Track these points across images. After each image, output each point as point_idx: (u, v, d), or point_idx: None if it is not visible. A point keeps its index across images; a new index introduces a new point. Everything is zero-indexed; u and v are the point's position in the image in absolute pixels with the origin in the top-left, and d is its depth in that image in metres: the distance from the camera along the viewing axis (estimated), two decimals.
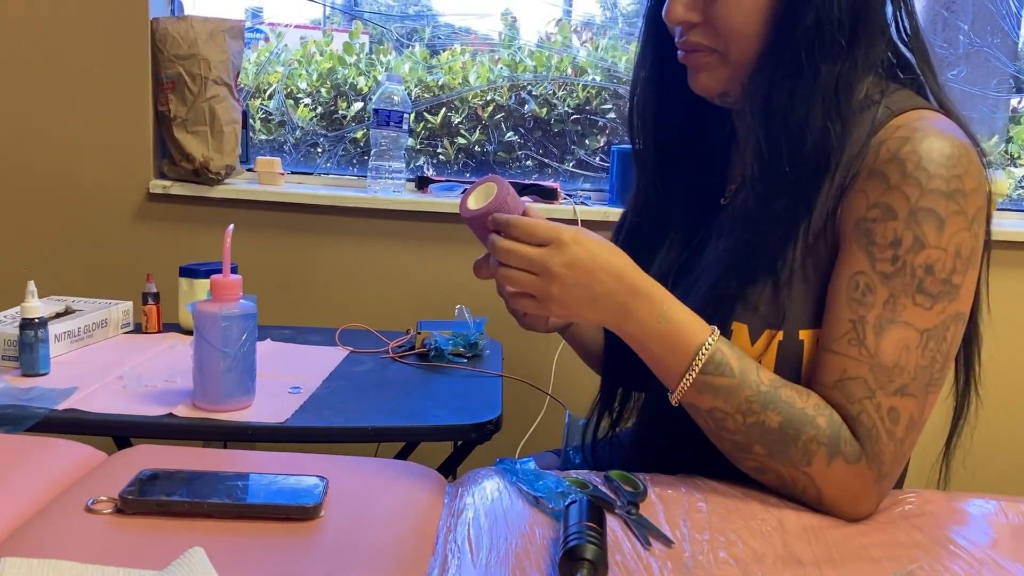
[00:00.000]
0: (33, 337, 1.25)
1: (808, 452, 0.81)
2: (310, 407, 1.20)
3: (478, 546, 0.71)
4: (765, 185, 0.88)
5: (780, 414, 0.81)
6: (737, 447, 0.84)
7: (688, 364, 0.83)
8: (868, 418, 0.81)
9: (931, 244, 0.80)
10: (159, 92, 2.09)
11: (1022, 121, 2.37)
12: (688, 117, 1.01)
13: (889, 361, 0.80)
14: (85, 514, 0.72)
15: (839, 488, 0.81)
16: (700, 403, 0.84)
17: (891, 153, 0.82)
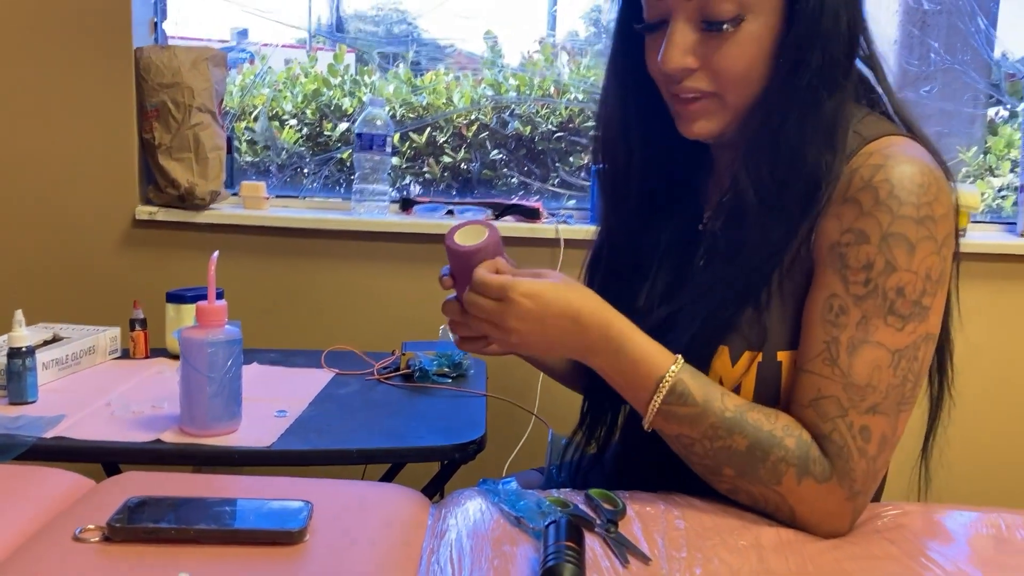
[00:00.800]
0: (21, 366, 1.26)
1: (777, 472, 0.83)
2: (296, 430, 1.21)
3: (460, 567, 0.73)
4: (765, 215, 0.89)
5: (747, 437, 0.84)
6: (708, 470, 0.87)
7: (651, 395, 0.87)
8: (840, 436, 0.83)
9: (902, 267, 0.82)
10: (144, 120, 2.11)
11: (999, 132, 2.41)
12: (663, 149, 1.01)
13: (861, 380, 0.83)
14: (73, 543, 0.73)
15: (811, 507, 0.83)
16: (667, 430, 0.88)
17: (864, 181, 0.84)
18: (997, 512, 0.88)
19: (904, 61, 2.36)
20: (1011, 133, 2.38)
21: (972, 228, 2.27)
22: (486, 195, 2.38)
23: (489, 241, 0.91)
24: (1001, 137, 2.39)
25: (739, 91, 0.90)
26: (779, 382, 0.89)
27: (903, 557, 0.77)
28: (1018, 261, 2.16)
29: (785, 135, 0.88)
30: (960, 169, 2.36)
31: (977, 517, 0.86)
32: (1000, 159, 2.39)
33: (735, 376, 0.90)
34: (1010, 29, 2.31)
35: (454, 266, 0.94)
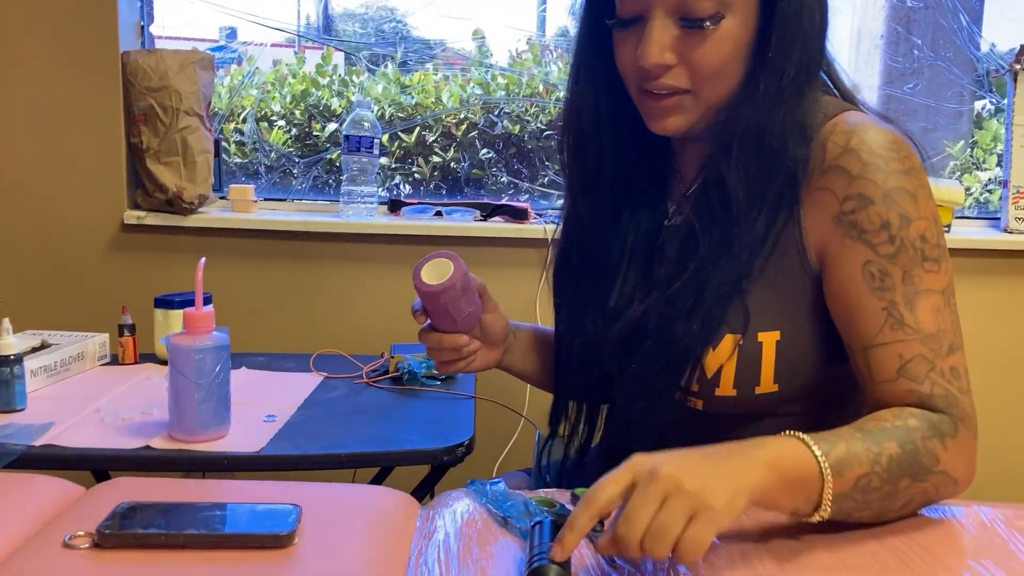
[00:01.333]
0: (9, 374, 1.26)
1: (931, 452, 0.81)
2: (285, 435, 1.22)
3: (448, 568, 0.73)
4: (750, 210, 0.91)
5: (890, 439, 0.80)
6: (888, 497, 0.80)
7: (821, 488, 0.76)
8: (940, 388, 0.84)
9: (915, 216, 0.86)
10: (131, 124, 2.11)
11: (985, 126, 2.42)
12: (631, 144, 1.02)
13: (932, 329, 0.85)
14: (63, 550, 0.73)
15: (961, 464, 0.83)
16: (846, 485, 0.77)
17: (840, 148, 0.88)
18: (977, 505, 0.89)
19: (889, 58, 2.37)
20: (997, 127, 2.40)
21: (957, 224, 2.28)
22: (475, 195, 2.38)
23: (454, 278, 0.95)
24: (987, 131, 2.41)
25: (714, 88, 0.92)
26: (759, 362, 0.91)
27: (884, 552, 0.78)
28: (1003, 256, 2.18)
29: (771, 131, 0.90)
30: (947, 164, 2.38)
31: (960, 511, 0.87)
32: (987, 153, 2.41)
33: (717, 359, 0.92)
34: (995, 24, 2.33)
35: (424, 302, 1.00)
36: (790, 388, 0.94)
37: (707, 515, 0.67)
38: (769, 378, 0.93)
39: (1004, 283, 2.19)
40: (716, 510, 0.68)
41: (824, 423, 0.97)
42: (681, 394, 0.97)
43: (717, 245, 0.93)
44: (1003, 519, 0.86)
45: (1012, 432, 2.22)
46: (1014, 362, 2.22)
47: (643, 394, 0.97)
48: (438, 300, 0.97)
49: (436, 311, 1.00)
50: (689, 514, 0.67)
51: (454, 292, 0.96)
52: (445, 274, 0.96)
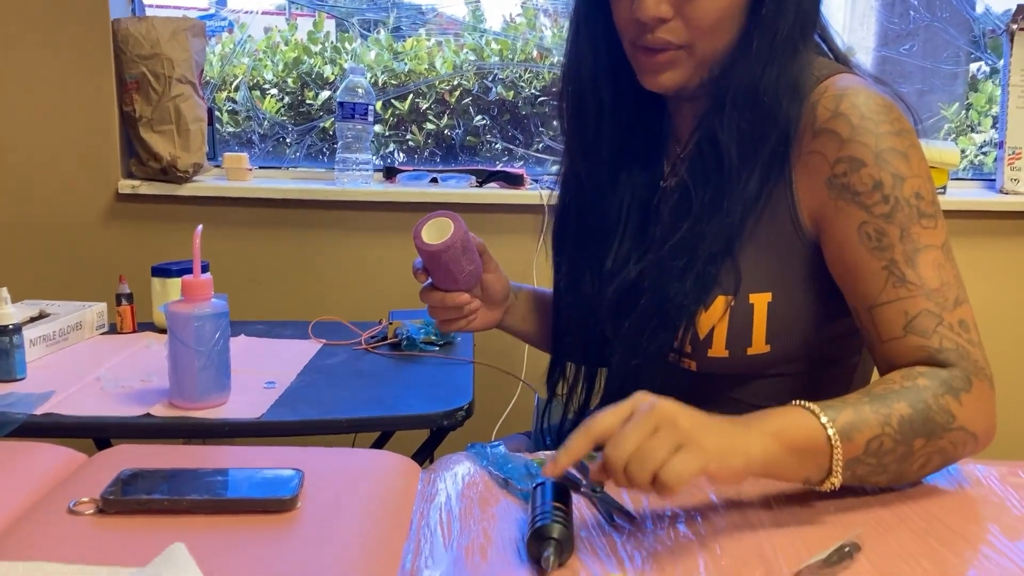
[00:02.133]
0: (8, 343, 1.26)
1: (944, 409, 0.80)
2: (285, 401, 1.23)
3: (450, 530, 0.74)
4: (743, 169, 0.91)
5: (900, 400, 0.79)
6: (903, 458, 0.79)
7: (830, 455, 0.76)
8: (950, 341, 0.84)
9: (908, 175, 0.86)
10: (123, 93, 2.09)
11: (980, 88, 2.41)
12: (624, 104, 1.02)
13: (935, 284, 0.85)
14: (67, 516, 0.74)
15: (979, 418, 0.82)
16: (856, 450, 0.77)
17: (830, 111, 0.88)
18: (973, 463, 0.90)
19: (885, 19, 2.36)
20: (992, 89, 2.39)
21: (952, 185, 2.28)
22: (470, 162, 2.37)
23: (455, 237, 0.96)
24: (982, 93, 2.40)
25: (710, 43, 0.92)
26: (751, 324, 0.92)
27: (879, 507, 0.79)
28: (998, 217, 2.18)
29: (765, 88, 0.91)
30: (942, 126, 2.37)
31: (955, 469, 0.88)
32: (982, 115, 2.40)
33: (709, 320, 0.93)
34: None
35: (425, 261, 1.00)
36: (782, 349, 0.95)
37: (693, 449, 0.68)
38: (761, 339, 0.93)
39: (1000, 244, 2.19)
40: (704, 449, 0.68)
41: (818, 383, 0.98)
42: (675, 356, 0.98)
43: (710, 204, 0.93)
44: (998, 476, 0.87)
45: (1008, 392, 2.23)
46: (1009, 323, 2.23)
47: (637, 355, 0.98)
48: (439, 259, 0.97)
49: (437, 270, 1.00)
50: (676, 446, 0.67)
51: (455, 251, 0.97)
52: (446, 233, 0.97)
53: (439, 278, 1.02)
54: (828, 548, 0.68)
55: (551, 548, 0.66)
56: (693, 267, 0.93)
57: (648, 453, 0.67)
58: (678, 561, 0.69)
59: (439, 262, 0.98)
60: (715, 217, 0.92)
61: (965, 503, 0.81)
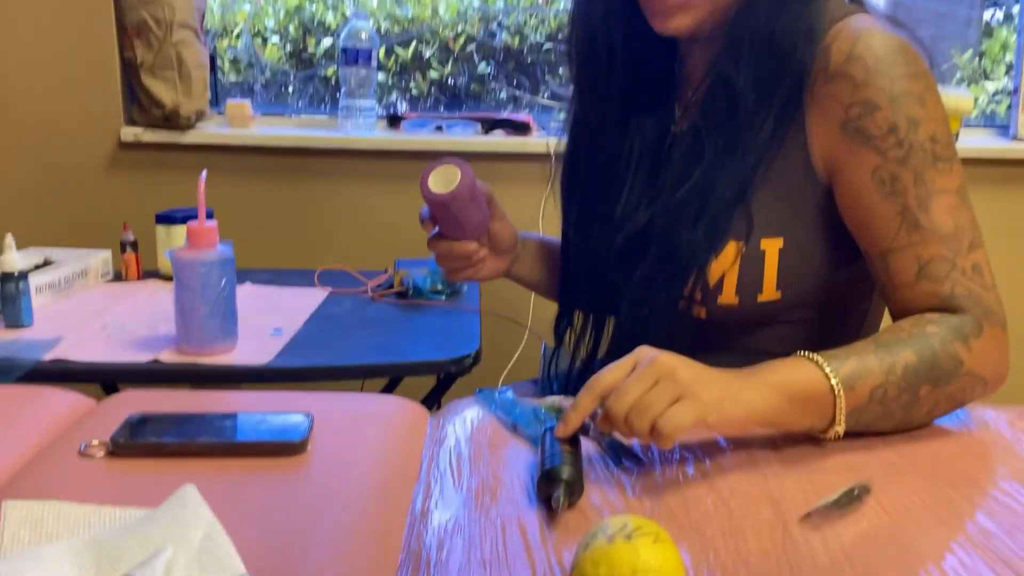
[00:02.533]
0: (14, 290, 1.26)
1: (952, 355, 0.80)
2: (293, 348, 1.23)
3: (460, 472, 0.74)
4: (757, 114, 0.90)
5: (906, 348, 0.79)
6: (909, 406, 0.80)
7: (834, 406, 0.77)
8: (962, 287, 0.84)
9: (923, 119, 0.85)
10: (124, 38, 2.06)
11: (994, 35, 2.37)
12: (635, 47, 1.00)
13: (949, 229, 0.84)
14: (79, 458, 0.74)
15: (989, 363, 0.83)
16: (860, 399, 0.78)
17: (845, 54, 0.86)
18: (981, 408, 0.90)
19: None
20: (1007, 35, 2.34)
21: (965, 132, 2.25)
22: (475, 109, 2.35)
23: (463, 186, 0.94)
24: (996, 40, 2.36)
25: None
26: (762, 270, 0.91)
27: (888, 450, 0.79)
28: (1012, 165, 2.16)
29: (781, 32, 0.89)
30: (955, 73, 2.33)
31: (964, 414, 0.88)
32: (995, 63, 2.36)
33: (720, 267, 0.92)
34: None
35: (432, 210, 0.98)
36: (793, 295, 0.94)
37: (691, 401, 0.69)
38: (772, 285, 0.93)
39: (1013, 192, 2.17)
40: (702, 401, 0.70)
41: (828, 330, 0.98)
42: (684, 303, 0.98)
43: (723, 150, 0.92)
44: (1007, 420, 0.87)
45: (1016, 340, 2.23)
46: (1021, 270, 2.22)
47: (646, 303, 0.97)
48: (447, 208, 0.96)
49: (445, 219, 0.99)
50: (675, 397, 0.69)
51: (462, 200, 0.95)
52: (452, 181, 0.95)
53: (446, 227, 1.00)
54: (837, 491, 0.68)
55: (561, 489, 0.67)
56: (705, 215, 0.91)
57: (647, 404, 0.69)
58: (687, 502, 0.69)
59: (446, 211, 0.97)
60: (728, 163, 0.91)
61: (974, 447, 0.81)
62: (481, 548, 0.62)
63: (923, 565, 0.61)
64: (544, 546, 0.62)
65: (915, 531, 0.65)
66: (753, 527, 0.65)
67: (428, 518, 0.67)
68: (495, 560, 0.61)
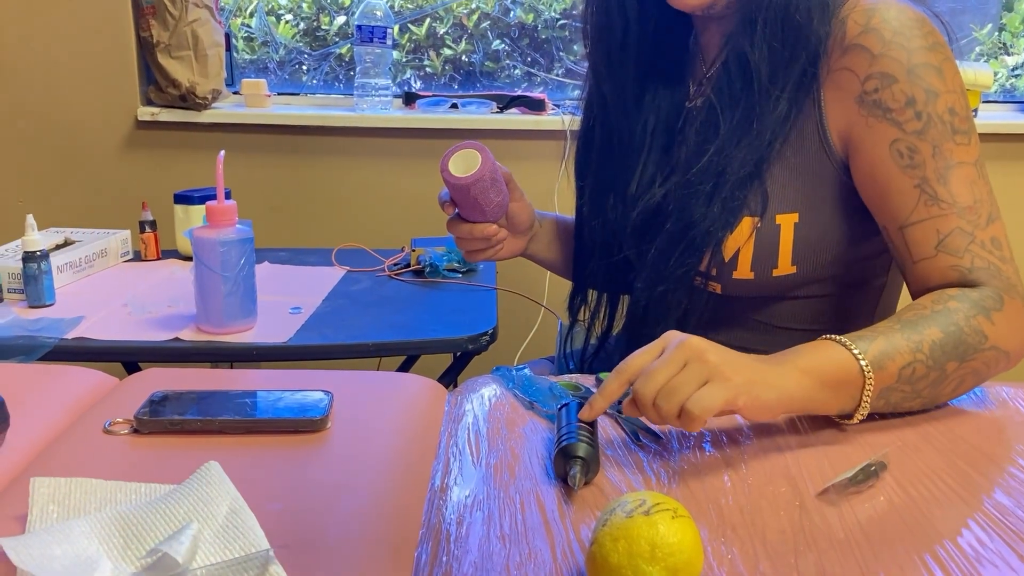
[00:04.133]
0: (36, 269, 1.27)
1: (976, 330, 0.80)
2: (311, 326, 1.24)
3: (478, 449, 0.75)
4: (772, 90, 0.90)
5: (932, 326, 0.79)
6: (936, 383, 0.79)
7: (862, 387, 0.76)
8: (982, 260, 0.84)
9: (942, 91, 0.85)
10: (140, 18, 2.07)
11: (1015, 8, 2.34)
12: (649, 23, 1.00)
13: (968, 201, 0.84)
14: (103, 435, 0.76)
15: (1012, 335, 0.82)
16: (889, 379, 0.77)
17: (861, 26, 0.86)
18: (999, 385, 0.90)
19: None
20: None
21: (984, 108, 2.23)
22: (489, 88, 2.34)
23: (483, 170, 0.94)
24: (1017, 14, 2.32)
25: None
26: (777, 246, 0.91)
27: (905, 426, 0.79)
28: None
29: (797, 5, 0.88)
30: (974, 48, 2.30)
31: (981, 391, 0.88)
32: (1015, 36, 2.33)
33: (735, 242, 0.92)
34: None
35: (452, 193, 0.99)
36: (808, 270, 0.94)
37: (720, 382, 0.68)
38: (787, 260, 0.93)
39: None
40: (733, 383, 0.68)
41: (843, 305, 0.98)
42: (700, 279, 0.98)
43: (738, 126, 0.91)
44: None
45: None
46: None
47: (662, 279, 0.98)
48: (467, 192, 0.96)
49: (465, 202, 0.99)
50: (704, 380, 0.68)
51: (483, 184, 0.96)
52: (473, 165, 0.95)
53: (466, 210, 1.01)
54: (854, 467, 0.69)
55: (577, 466, 0.67)
56: (720, 191, 0.91)
57: (676, 386, 0.68)
58: (704, 479, 0.70)
59: (467, 195, 0.98)
60: (743, 139, 0.91)
61: (991, 424, 0.81)
62: (500, 523, 0.63)
63: (939, 541, 0.61)
64: (563, 521, 0.63)
65: (931, 507, 0.66)
66: (770, 503, 0.66)
67: (447, 494, 0.68)
68: (514, 535, 0.61)
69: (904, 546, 0.61)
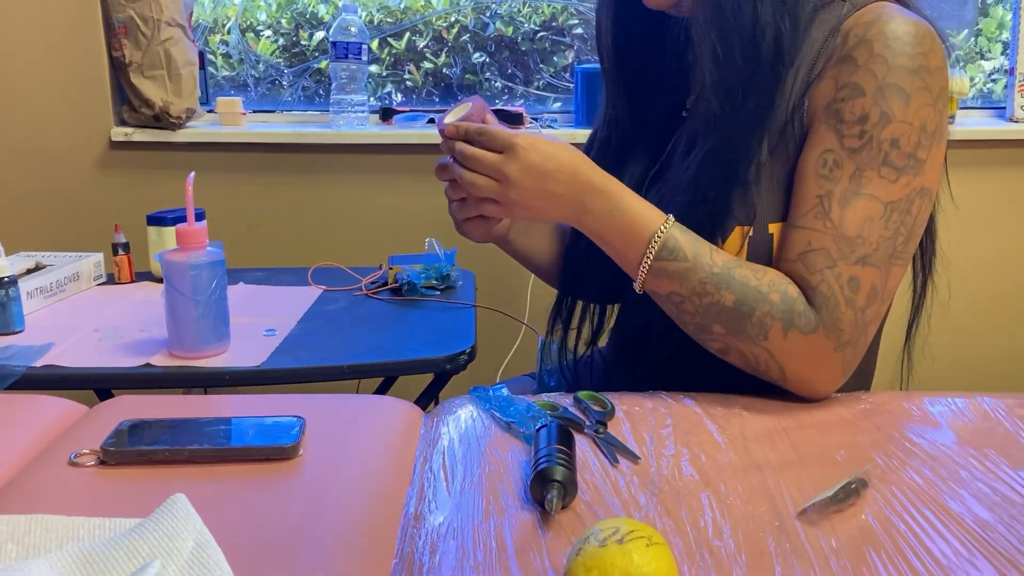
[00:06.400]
0: (5, 296, 1.25)
1: (763, 327, 0.84)
2: (286, 348, 1.22)
3: (453, 473, 0.74)
4: (727, 90, 0.89)
5: (733, 293, 0.85)
6: (699, 329, 0.88)
7: (643, 252, 0.87)
8: (827, 287, 0.84)
9: (897, 118, 0.83)
10: (112, 37, 2.05)
11: (990, 13, 2.35)
12: (647, 29, 1.02)
13: (852, 232, 0.84)
14: (69, 467, 0.74)
15: (799, 360, 0.85)
16: (659, 288, 0.89)
17: (858, 37, 0.85)
18: (980, 396, 0.89)
19: None
20: (1003, 14, 2.33)
21: (961, 114, 2.24)
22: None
23: (472, 111, 0.93)
24: (992, 19, 2.34)
25: None
26: (770, 253, 0.91)
27: (886, 443, 0.79)
28: (1008, 146, 2.15)
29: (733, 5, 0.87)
30: (951, 53, 2.32)
31: (963, 403, 0.88)
32: (991, 42, 2.35)
33: (728, 251, 0.91)
34: None
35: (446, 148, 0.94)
36: None
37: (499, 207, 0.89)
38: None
39: (1009, 174, 2.16)
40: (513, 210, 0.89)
41: None
42: None
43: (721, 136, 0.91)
44: (1005, 408, 0.86)
45: (1010, 323, 2.23)
46: (1018, 252, 2.21)
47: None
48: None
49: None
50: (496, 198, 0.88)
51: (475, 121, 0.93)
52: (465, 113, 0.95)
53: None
54: (834, 485, 0.68)
55: (554, 491, 0.66)
56: (706, 201, 0.91)
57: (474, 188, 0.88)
58: (683, 501, 0.68)
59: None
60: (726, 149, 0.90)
61: (973, 436, 0.81)
62: (474, 553, 0.61)
63: (921, 559, 0.60)
64: (538, 549, 0.62)
65: (912, 524, 0.65)
66: (750, 523, 0.65)
67: (421, 521, 0.66)
68: (488, 565, 0.60)
69: (885, 564, 0.59)
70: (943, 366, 1.66)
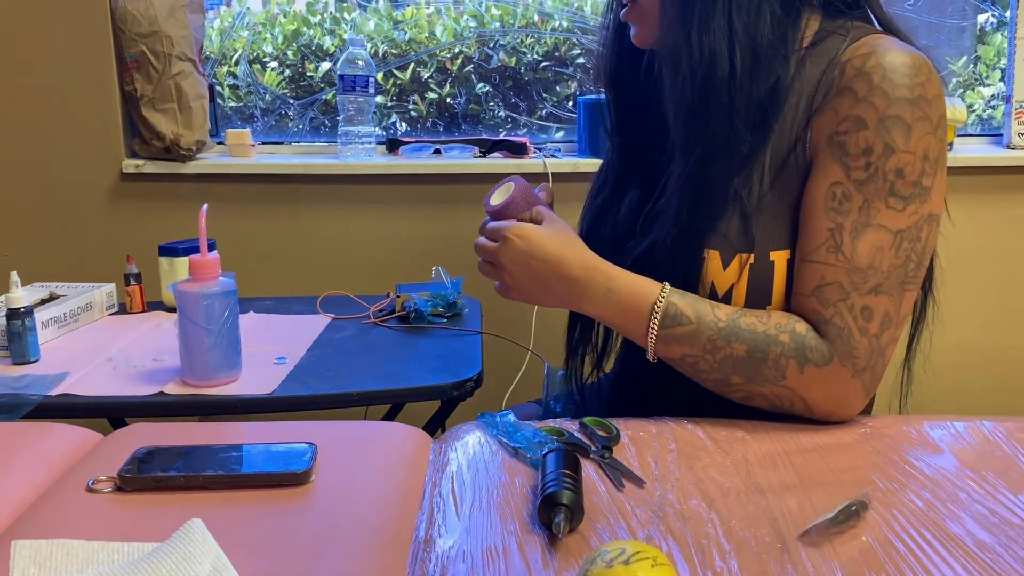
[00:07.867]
0: (20, 326, 1.27)
1: (779, 368, 0.87)
2: (296, 376, 1.24)
3: (461, 498, 0.75)
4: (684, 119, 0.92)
5: (744, 342, 0.88)
6: (719, 383, 0.91)
7: (647, 325, 0.90)
8: (841, 319, 0.87)
9: (900, 149, 0.85)
10: (124, 72, 2.09)
11: (988, 40, 2.38)
12: (640, 62, 1.04)
13: (864, 263, 0.86)
14: (86, 494, 0.75)
15: (819, 392, 0.88)
16: (672, 354, 0.91)
17: (856, 69, 0.87)
18: (979, 420, 0.90)
19: None
20: (1001, 40, 2.36)
21: (960, 141, 2.26)
22: (473, 131, 2.36)
23: (515, 194, 0.98)
24: (991, 45, 2.37)
25: None
26: (771, 280, 0.92)
27: (886, 466, 0.80)
28: (1006, 173, 2.16)
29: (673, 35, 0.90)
30: (950, 80, 2.35)
31: (962, 427, 0.89)
32: (990, 68, 2.37)
33: (727, 279, 0.93)
34: None
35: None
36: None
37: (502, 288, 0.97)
38: (780, 296, 0.93)
39: (1007, 200, 2.18)
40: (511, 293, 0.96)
41: None
42: None
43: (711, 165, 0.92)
44: (1004, 432, 0.88)
45: (1011, 348, 2.24)
46: (1016, 278, 2.23)
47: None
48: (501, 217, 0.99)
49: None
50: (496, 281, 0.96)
51: (516, 208, 0.98)
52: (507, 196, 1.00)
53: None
54: (835, 507, 0.69)
55: (561, 514, 0.67)
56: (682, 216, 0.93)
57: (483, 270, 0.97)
58: (687, 522, 0.70)
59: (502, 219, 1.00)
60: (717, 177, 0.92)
61: (972, 459, 0.82)
62: (484, 575, 0.63)
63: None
64: (546, 571, 0.63)
65: (912, 545, 0.66)
66: (752, 546, 0.66)
67: (431, 546, 0.68)
68: None
69: None
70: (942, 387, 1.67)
